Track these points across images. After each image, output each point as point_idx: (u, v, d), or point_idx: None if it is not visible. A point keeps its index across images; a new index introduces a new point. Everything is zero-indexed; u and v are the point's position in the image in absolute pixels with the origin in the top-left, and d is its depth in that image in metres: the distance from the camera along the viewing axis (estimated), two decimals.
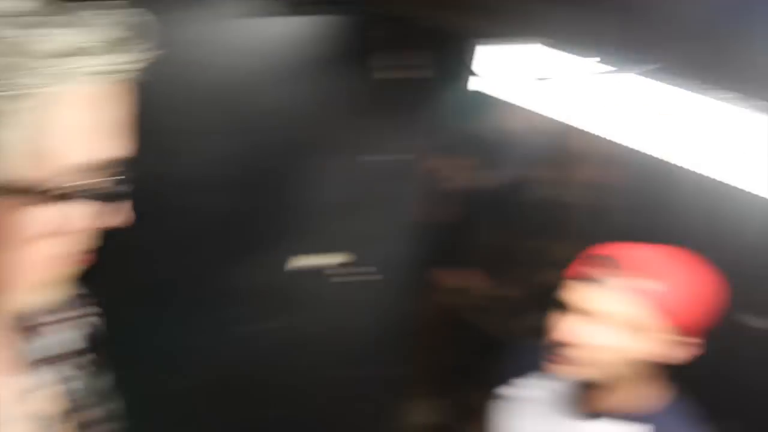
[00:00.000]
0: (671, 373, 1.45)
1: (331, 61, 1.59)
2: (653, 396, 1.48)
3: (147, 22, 0.66)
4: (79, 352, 0.92)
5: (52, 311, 0.88)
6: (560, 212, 4.27)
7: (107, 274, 1.19)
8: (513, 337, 2.88)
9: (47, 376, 0.86)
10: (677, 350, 1.36)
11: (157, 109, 1.31)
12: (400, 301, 2.08)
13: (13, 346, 0.82)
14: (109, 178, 0.68)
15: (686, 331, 1.34)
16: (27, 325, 0.84)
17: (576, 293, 1.41)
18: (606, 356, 1.39)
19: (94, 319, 0.97)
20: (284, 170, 1.65)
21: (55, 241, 0.68)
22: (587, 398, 1.53)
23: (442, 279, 2.46)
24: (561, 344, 1.41)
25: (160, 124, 1.36)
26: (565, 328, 1.40)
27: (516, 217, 4.36)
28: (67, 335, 0.91)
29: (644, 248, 1.41)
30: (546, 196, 4.56)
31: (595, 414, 1.52)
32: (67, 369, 0.90)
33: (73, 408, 0.89)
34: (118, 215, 0.71)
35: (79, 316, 0.94)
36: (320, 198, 1.73)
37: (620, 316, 1.35)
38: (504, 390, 1.70)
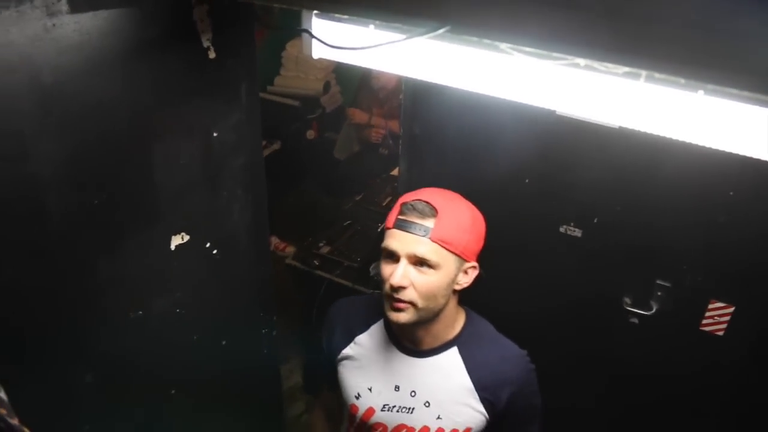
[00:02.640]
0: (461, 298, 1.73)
1: (161, 45, 1.63)
2: (458, 322, 1.75)
3: None
4: None
5: None
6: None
7: None
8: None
9: None
10: (467, 276, 1.65)
11: None
12: (253, 269, 2.18)
13: None
14: None
15: (472, 257, 1.63)
16: None
17: (398, 241, 1.58)
18: (432, 294, 1.59)
19: None
20: (126, 160, 1.65)
21: None
22: (412, 338, 1.74)
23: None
24: (395, 290, 1.58)
25: None
26: (396, 274, 1.56)
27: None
28: None
29: (433, 192, 1.64)
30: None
31: (421, 352, 1.74)
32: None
33: None
34: None
35: None
36: (167, 180, 1.77)
37: (437, 257, 1.56)
38: (336, 347, 1.83)
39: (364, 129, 4.81)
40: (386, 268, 1.61)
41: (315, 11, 1.52)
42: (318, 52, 1.58)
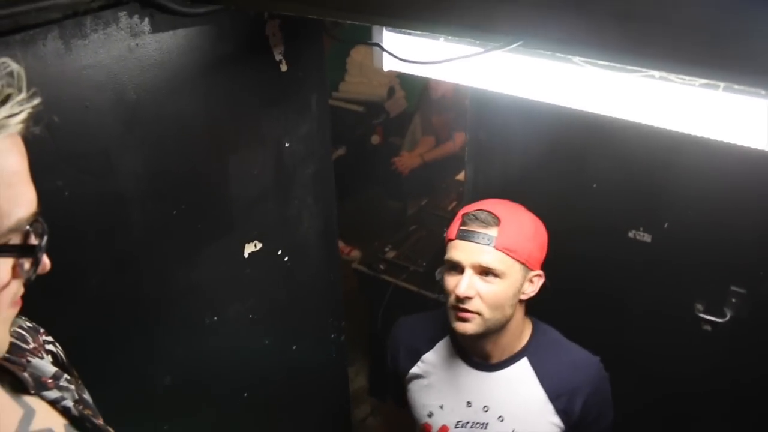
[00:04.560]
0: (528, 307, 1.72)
1: (236, 60, 1.69)
2: (525, 332, 1.74)
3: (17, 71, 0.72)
4: (61, 372, 0.97)
5: (20, 344, 0.94)
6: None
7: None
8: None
9: (47, 395, 0.91)
10: (533, 285, 1.64)
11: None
12: (323, 275, 2.22)
13: (4, 376, 0.88)
14: (31, 229, 0.76)
15: (537, 266, 1.62)
16: (13, 357, 0.89)
17: (462, 251, 1.57)
18: (500, 304, 1.58)
19: (53, 346, 1.02)
20: (203, 172, 1.71)
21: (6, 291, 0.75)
22: (481, 351, 1.72)
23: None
24: (461, 300, 1.57)
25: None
26: (461, 285, 1.55)
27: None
28: (43, 360, 0.96)
29: (494, 202, 1.64)
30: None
31: (491, 365, 1.73)
32: (59, 387, 0.95)
33: (78, 420, 0.94)
34: (42, 265, 0.79)
35: (42, 344, 1.00)
36: (241, 190, 1.82)
37: (503, 266, 1.55)
38: (404, 365, 1.84)
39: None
40: (451, 280, 1.61)
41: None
42: (389, 65, 1.61)
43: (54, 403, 0.94)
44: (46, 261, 0.79)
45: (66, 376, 1.00)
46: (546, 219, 2.00)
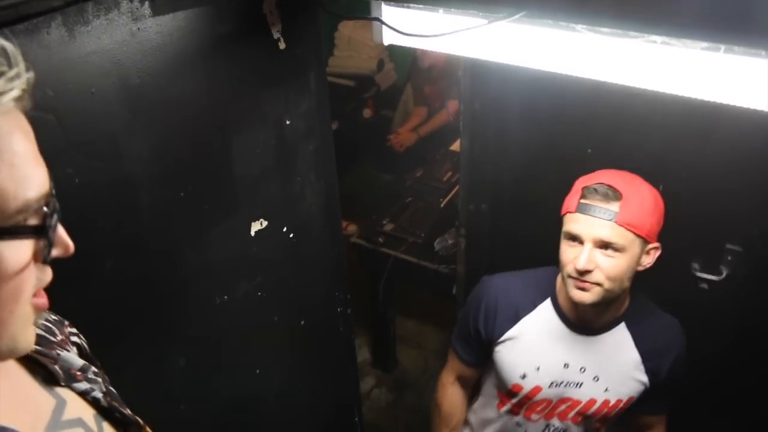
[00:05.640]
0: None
1: (234, 40, 1.68)
2: (626, 298, 1.79)
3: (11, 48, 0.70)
4: (88, 365, 0.99)
5: (49, 336, 0.96)
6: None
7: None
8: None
9: (77, 387, 0.93)
10: (650, 257, 1.67)
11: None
12: (327, 250, 2.24)
13: (36, 368, 0.89)
14: (47, 209, 0.73)
15: (655, 239, 1.64)
16: (44, 350, 0.91)
17: (582, 224, 1.60)
18: (620, 277, 1.61)
19: (78, 338, 1.04)
20: (207, 152, 1.71)
21: (25, 276, 0.72)
22: (586, 317, 1.78)
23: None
24: (581, 273, 1.61)
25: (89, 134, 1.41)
26: (581, 258, 1.59)
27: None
28: (70, 352, 0.98)
29: (613, 174, 1.65)
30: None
31: (592, 329, 1.79)
32: (88, 379, 0.97)
33: (107, 411, 0.96)
34: (65, 245, 0.77)
35: (68, 336, 1.01)
36: (245, 169, 1.82)
37: (623, 240, 1.57)
38: (500, 326, 1.86)
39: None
40: (569, 251, 1.64)
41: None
42: (389, 39, 1.62)
43: (84, 394, 0.96)
44: (68, 242, 0.77)
45: (93, 368, 1.02)
46: (542, 185, 2.02)
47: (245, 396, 2.06)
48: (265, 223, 1.93)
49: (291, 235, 2.04)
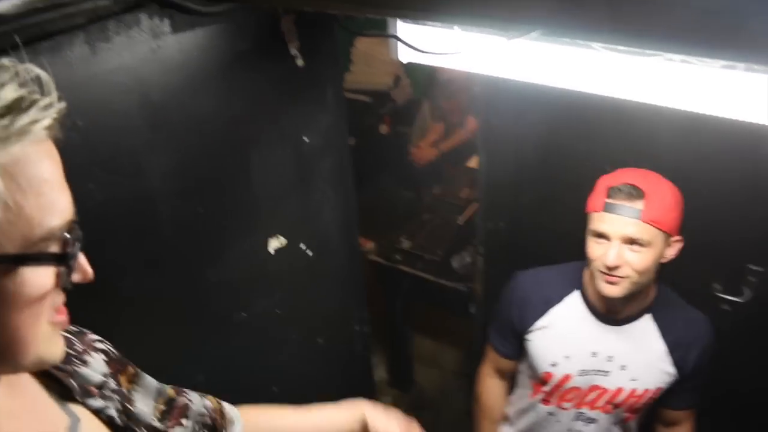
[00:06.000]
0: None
1: (253, 57, 1.70)
2: (652, 290, 1.85)
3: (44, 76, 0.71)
4: (105, 381, 0.99)
5: (68, 350, 0.96)
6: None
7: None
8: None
9: (92, 404, 0.93)
10: (673, 249, 1.75)
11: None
12: (345, 267, 2.25)
13: (52, 383, 0.89)
14: (70, 236, 0.74)
15: (677, 232, 1.73)
16: (60, 365, 0.91)
17: (609, 223, 1.69)
18: (646, 269, 1.71)
19: (102, 343, 1.04)
20: (226, 169, 1.74)
21: (45, 301, 0.73)
22: (613, 308, 1.86)
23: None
24: (610, 269, 1.70)
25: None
26: (610, 255, 1.68)
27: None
28: (94, 363, 0.98)
29: (635, 174, 1.75)
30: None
31: (619, 320, 1.87)
32: (104, 396, 0.96)
33: (122, 430, 0.96)
34: (84, 272, 0.78)
35: (92, 346, 1.01)
36: (263, 186, 1.84)
37: (648, 236, 1.66)
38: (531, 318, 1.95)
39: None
40: (597, 248, 1.74)
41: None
42: (406, 56, 1.62)
43: (97, 412, 0.96)
44: (87, 269, 0.78)
45: (112, 384, 1.01)
46: (560, 201, 2.03)
47: None
48: (283, 240, 1.93)
49: (309, 252, 2.04)
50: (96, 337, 1.06)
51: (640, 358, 1.86)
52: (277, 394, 2.07)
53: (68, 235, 0.73)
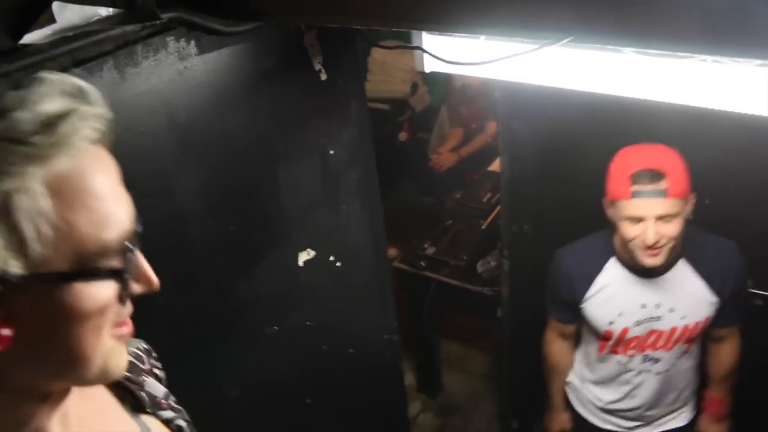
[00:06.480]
0: None
1: (278, 73, 1.71)
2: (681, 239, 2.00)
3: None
4: (169, 392, 1.00)
5: (138, 363, 0.96)
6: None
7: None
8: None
9: (162, 414, 0.94)
10: (690, 206, 1.95)
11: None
12: (374, 277, 2.26)
13: (124, 394, 0.89)
14: (130, 246, 0.73)
15: (690, 193, 1.91)
16: (132, 377, 0.91)
17: (641, 208, 1.88)
18: (678, 234, 1.92)
19: (159, 370, 1.05)
20: (255, 185, 1.75)
21: (106, 315, 0.72)
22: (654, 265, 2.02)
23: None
24: (651, 246, 1.91)
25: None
26: (649, 235, 1.88)
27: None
28: (154, 382, 0.99)
29: (650, 154, 1.93)
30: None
31: (657, 271, 2.07)
32: (172, 408, 0.97)
33: None
34: (148, 281, 0.78)
35: (153, 366, 1.02)
36: (291, 200, 1.86)
37: (676, 208, 1.87)
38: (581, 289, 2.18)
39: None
40: (632, 229, 1.93)
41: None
42: (431, 66, 1.62)
43: (167, 422, 0.97)
44: (152, 277, 0.78)
45: (173, 398, 1.03)
46: (583, 204, 2.07)
47: (297, 425, 2.07)
48: (312, 253, 1.94)
49: (338, 264, 2.04)
50: (157, 363, 1.07)
51: (683, 298, 2.08)
52: (310, 406, 2.08)
53: (129, 245, 0.72)
